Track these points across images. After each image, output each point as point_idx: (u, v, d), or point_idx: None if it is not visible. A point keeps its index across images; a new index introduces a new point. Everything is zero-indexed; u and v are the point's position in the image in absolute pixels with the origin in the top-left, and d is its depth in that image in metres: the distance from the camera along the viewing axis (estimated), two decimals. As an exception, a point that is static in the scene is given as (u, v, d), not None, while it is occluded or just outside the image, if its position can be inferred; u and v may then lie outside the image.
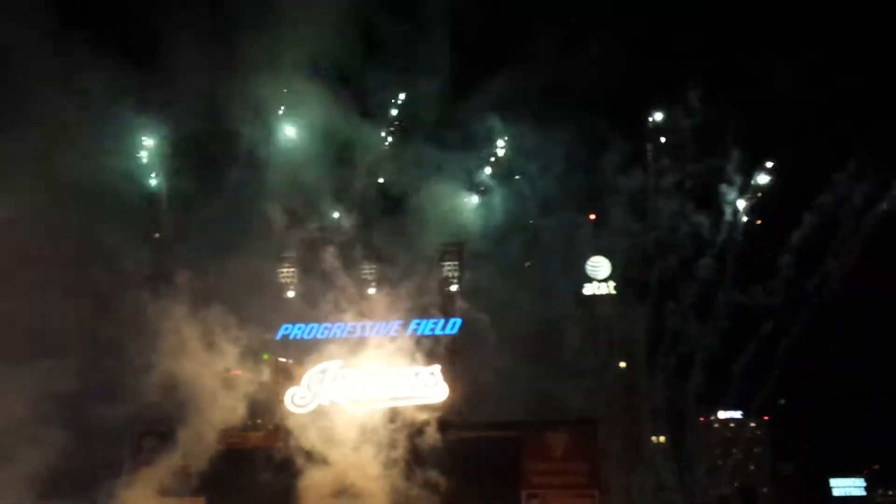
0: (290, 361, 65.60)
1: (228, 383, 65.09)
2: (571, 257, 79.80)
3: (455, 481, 59.73)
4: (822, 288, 72.38)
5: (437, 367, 63.21)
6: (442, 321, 64.61)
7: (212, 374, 63.71)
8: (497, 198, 74.38)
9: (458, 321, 64.69)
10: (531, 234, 75.79)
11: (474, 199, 73.40)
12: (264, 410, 64.62)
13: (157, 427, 64.27)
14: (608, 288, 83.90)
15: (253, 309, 67.71)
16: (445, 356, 64.06)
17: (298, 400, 63.26)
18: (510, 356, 69.69)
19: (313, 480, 59.88)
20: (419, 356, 63.70)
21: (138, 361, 61.84)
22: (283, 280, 67.61)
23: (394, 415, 61.96)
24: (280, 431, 62.75)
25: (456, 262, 65.96)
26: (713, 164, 73.85)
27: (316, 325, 65.14)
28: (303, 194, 71.32)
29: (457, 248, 67.17)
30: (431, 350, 64.67)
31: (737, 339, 74.38)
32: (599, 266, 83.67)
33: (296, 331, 65.44)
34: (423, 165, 70.67)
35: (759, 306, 73.78)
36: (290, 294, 67.71)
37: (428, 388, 62.71)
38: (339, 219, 72.12)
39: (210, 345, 64.21)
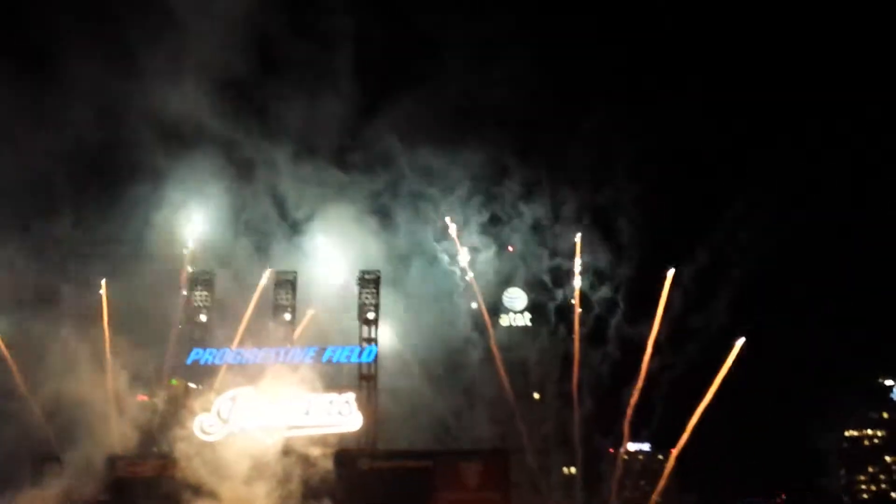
0: (200, 387, 63.82)
1: (133, 409, 63.36)
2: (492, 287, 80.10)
3: (368, 511, 59.02)
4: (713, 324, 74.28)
5: (351, 395, 62.46)
6: (358, 349, 63.89)
7: (115, 399, 62.05)
8: (403, 223, 74.20)
9: (374, 349, 64.06)
10: (441, 261, 75.90)
11: (379, 224, 73.25)
12: (170, 437, 62.44)
13: (57, 452, 61.94)
14: (524, 319, 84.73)
15: (161, 333, 66.24)
16: (360, 384, 63.29)
17: (207, 427, 61.50)
18: (425, 385, 69.54)
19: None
20: (334, 384, 62.99)
21: (40, 387, 59.95)
22: (195, 304, 65.72)
23: (305, 443, 60.72)
24: (183, 460, 60.56)
25: (373, 290, 65.28)
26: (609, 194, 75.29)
27: (228, 350, 63.65)
28: (210, 216, 70.28)
29: (374, 275, 66.55)
30: (347, 378, 64.06)
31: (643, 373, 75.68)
32: (516, 298, 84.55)
33: (206, 356, 63.72)
34: (326, 187, 70.34)
35: (658, 341, 75.25)
36: (203, 318, 65.84)
37: (342, 416, 61.91)
38: (249, 242, 71.25)
39: (115, 369, 62.56)
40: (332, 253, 69.59)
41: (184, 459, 59.46)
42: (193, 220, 69.48)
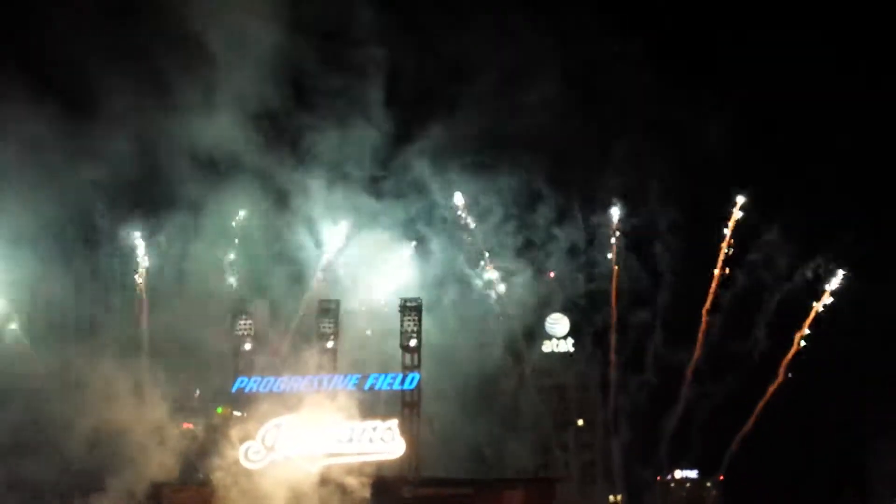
0: (245, 415, 64.35)
1: (178, 437, 64.06)
2: (529, 313, 79.79)
3: (410, 539, 59.03)
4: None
5: (394, 422, 62.51)
6: (400, 376, 63.97)
7: (159, 427, 62.73)
8: (439, 249, 74.25)
9: (417, 376, 64.09)
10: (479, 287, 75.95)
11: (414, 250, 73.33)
12: (215, 465, 62.97)
13: (101, 481, 62.59)
14: (567, 345, 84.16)
15: (206, 361, 67.00)
16: (403, 411, 63.38)
17: (252, 455, 61.91)
18: (467, 413, 69.39)
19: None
20: (377, 411, 63.17)
21: (84, 416, 60.77)
22: (239, 332, 66.45)
23: (347, 471, 60.95)
24: (225, 488, 61.01)
25: (415, 317, 65.47)
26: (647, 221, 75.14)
27: (272, 379, 64.09)
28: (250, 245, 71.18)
29: (416, 303, 66.82)
30: (389, 405, 64.20)
31: (694, 399, 75.03)
32: (558, 323, 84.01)
33: (251, 384, 64.18)
34: (362, 215, 70.81)
35: (709, 369, 74.63)
36: (247, 346, 66.48)
37: (385, 443, 61.95)
38: (290, 271, 72.01)
39: (158, 398, 63.26)
40: (371, 280, 70.05)
41: (226, 488, 59.98)
42: (236, 250, 70.67)
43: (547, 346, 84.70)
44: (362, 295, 70.43)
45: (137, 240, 72.23)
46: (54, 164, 62.44)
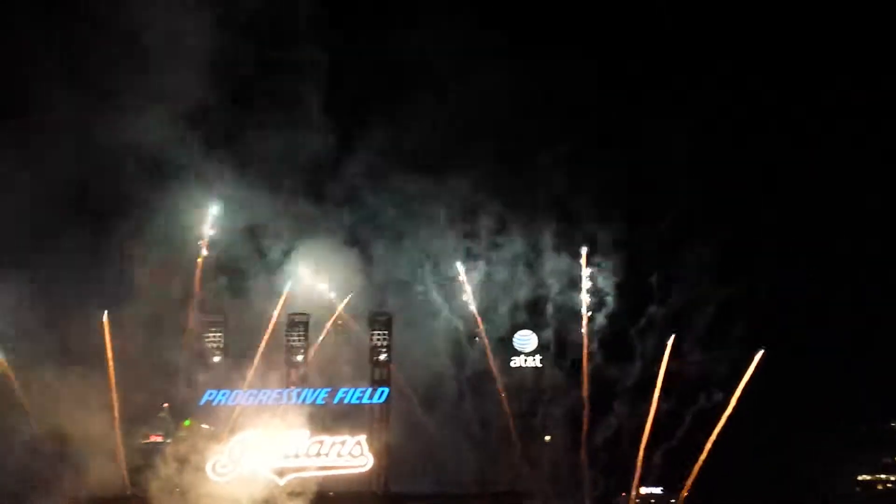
0: (213, 428, 64.14)
1: (146, 450, 63.78)
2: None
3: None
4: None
5: (363, 437, 62.68)
6: (369, 390, 64.23)
7: (129, 440, 62.43)
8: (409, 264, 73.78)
9: (386, 390, 64.38)
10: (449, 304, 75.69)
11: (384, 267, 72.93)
12: (184, 478, 62.64)
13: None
14: (535, 361, 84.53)
15: (177, 373, 66.63)
16: (372, 426, 63.55)
17: (220, 468, 61.74)
18: (436, 428, 69.57)
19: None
20: (346, 425, 63.30)
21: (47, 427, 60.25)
22: (208, 345, 66.25)
23: (315, 484, 61.00)
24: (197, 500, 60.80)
25: (385, 332, 65.71)
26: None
27: (241, 392, 63.99)
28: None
29: (386, 317, 66.97)
30: (358, 419, 64.32)
31: (661, 416, 75.58)
32: (527, 339, 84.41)
33: (220, 396, 64.08)
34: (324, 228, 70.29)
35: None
36: (216, 359, 66.29)
37: (353, 457, 62.07)
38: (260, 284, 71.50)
39: (129, 410, 62.91)
40: (337, 294, 69.65)
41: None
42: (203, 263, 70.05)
43: (515, 362, 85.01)
44: (331, 308, 70.17)
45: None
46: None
